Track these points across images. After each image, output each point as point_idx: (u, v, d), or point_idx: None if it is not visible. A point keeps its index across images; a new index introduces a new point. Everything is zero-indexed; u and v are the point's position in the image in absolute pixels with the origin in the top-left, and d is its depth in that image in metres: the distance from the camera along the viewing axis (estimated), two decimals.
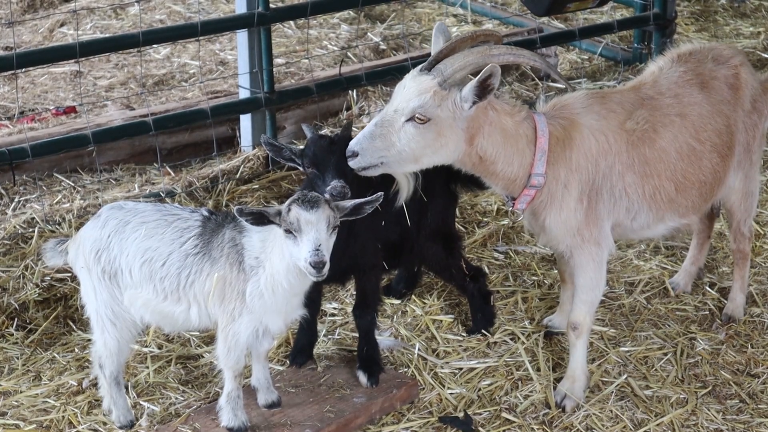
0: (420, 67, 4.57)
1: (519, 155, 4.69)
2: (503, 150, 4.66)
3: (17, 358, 5.38)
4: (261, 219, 4.32)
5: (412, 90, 4.50)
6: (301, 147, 4.77)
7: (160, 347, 5.45)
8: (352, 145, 4.50)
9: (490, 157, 4.66)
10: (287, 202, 4.30)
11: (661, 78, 5.12)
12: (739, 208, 5.49)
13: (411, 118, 4.48)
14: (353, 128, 5.53)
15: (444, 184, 5.32)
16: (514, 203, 4.85)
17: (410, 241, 5.24)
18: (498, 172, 4.72)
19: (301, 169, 4.75)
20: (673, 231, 5.26)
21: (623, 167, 4.85)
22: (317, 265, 4.20)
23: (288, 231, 4.27)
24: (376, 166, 4.54)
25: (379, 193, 4.44)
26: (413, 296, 5.84)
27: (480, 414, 4.99)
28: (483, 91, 4.47)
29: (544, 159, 4.71)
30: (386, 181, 4.86)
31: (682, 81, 5.10)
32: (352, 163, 4.52)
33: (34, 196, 6.87)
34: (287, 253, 4.33)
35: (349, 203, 4.39)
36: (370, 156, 4.50)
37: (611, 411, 5.00)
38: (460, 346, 5.46)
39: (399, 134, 4.49)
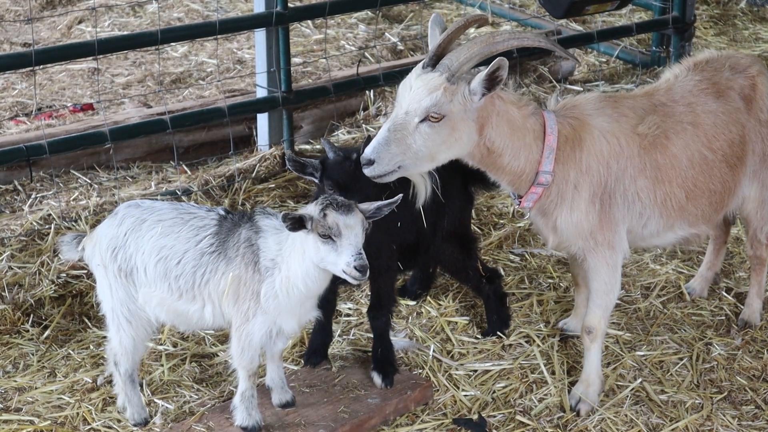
0: (422, 63, 4.53)
1: (526, 149, 4.67)
2: (510, 142, 4.63)
3: (32, 355, 5.40)
4: (300, 224, 4.31)
5: (420, 89, 4.46)
6: (317, 160, 4.76)
7: (174, 345, 5.46)
8: (368, 153, 4.43)
9: (498, 148, 4.63)
10: (319, 208, 4.29)
11: (676, 86, 5.09)
12: (756, 216, 5.46)
13: (425, 119, 4.44)
14: (369, 129, 5.51)
15: (461, 185, 5.31)
16: (520, 201, 4.84)
17: (426, 242, 5.23)
18: (505, 166, 4.69)
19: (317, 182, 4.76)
20: (682, 241, 5.23)
21: (635, 171, 4.82)
22: (362, 269, 4.22)
23: (326, 236, 4.26)
24: (393, 171, 4.49)
25: (399, 195, 4.44)
26: (428, 297, 5.83)
27: (494, 416, 4.98)
28: (492, 83, 4.45)
29: (552, 157, 4.68)
30: (404, 183, 4.85)
31: (697, 90, 5.07)
32: (368, 171, 4.46)
33: (50, 192, 6.89)
34: (317, 257, 4.32)
35: (372, 205, 4.39)
36: (387, 163, 4.44)
37: (626, 415, 4.98)
38: (475, 348, 5.45)
39: (414, 136, 4.44)
